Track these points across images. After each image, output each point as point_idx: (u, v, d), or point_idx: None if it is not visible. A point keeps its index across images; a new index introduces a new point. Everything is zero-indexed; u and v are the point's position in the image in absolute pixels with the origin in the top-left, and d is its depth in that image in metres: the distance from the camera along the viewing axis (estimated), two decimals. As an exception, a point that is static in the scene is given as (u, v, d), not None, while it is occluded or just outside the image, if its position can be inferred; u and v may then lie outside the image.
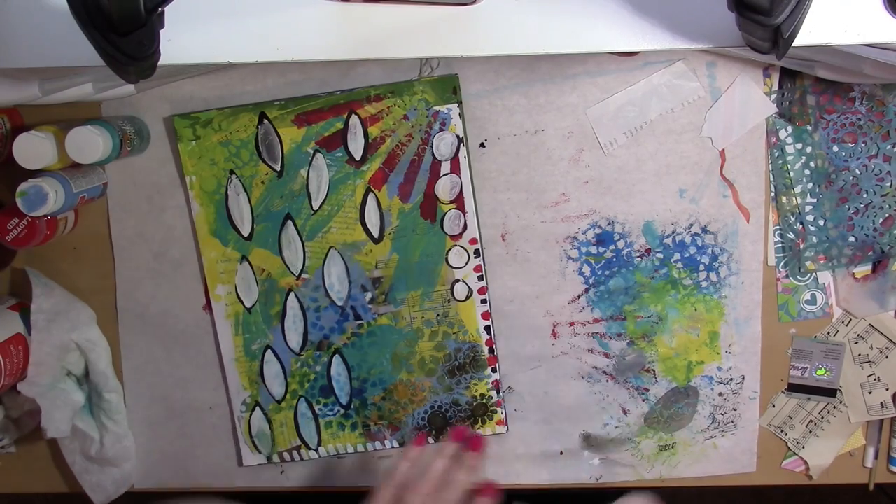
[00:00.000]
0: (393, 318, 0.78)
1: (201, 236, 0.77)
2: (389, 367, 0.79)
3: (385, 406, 0.80)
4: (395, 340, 0.79)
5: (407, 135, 0.74)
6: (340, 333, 0.79)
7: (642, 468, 0.82)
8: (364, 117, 0.74)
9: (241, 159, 0.75)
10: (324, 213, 0.76)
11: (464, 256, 0.77)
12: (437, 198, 0.76)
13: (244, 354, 0.80)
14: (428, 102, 0.74)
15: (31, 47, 0.51)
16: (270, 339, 0.79)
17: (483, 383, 0.79)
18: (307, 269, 0.78)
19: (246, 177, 0.76)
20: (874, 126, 0.73)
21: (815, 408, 0.80)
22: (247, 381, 0.80)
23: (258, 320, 0.79)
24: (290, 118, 0.74)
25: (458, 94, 0.74)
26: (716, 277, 0.77)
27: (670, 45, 0.50)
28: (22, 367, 0.76)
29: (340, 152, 0.75)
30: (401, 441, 0.81)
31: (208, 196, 0.76)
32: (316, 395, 0.80)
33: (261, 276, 0.78)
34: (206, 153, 0.75)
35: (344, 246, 0.77)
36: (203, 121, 0.75)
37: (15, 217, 0.72)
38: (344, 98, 0.74)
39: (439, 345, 0.79)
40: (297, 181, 0.76)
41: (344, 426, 0.81)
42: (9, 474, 0.86)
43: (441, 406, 0.80)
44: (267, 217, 0.77)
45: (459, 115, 0.74)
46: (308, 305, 0.78)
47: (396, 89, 0.74)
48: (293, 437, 0.81)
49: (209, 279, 0.78)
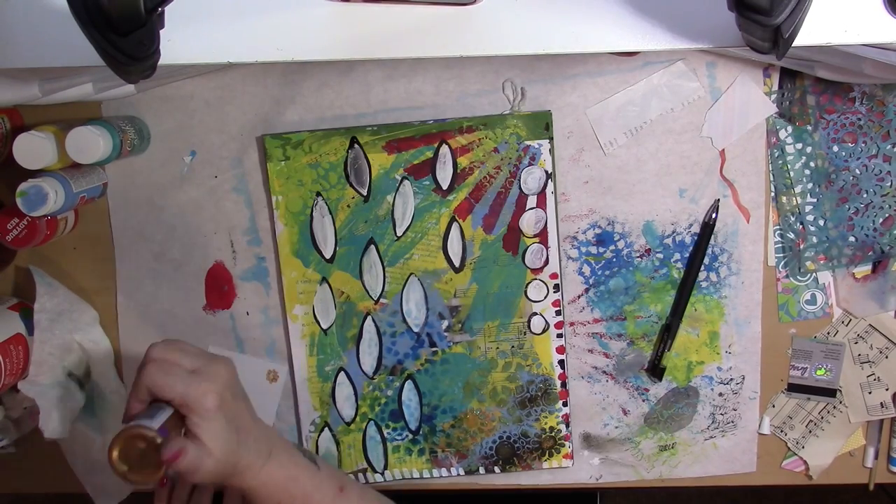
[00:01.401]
0: (468, 346, 0.79)
1: (283, 256, 0.78)
2: (461, 396, 0.80)
3: (454, 434, 0.80)
4: (468, 369, 0.79)
5: (496, 167, 0.75)
6: (414, 359, 0.79)
7: (642, 468, 0.82)
8: (454, 147, 0.75)
9: (328, 182, 0.76)
10: (407, 239, 0.77)
11: (543, 290, 0.77)
12: (521, 231, 0.76)
13: (317, 375, 0.80)
14: (520, 137, 0.74)
15: (31, 47, 0.51)
16: (344, 362, 0.80)
17: (553, 416, 0.80)
18: (386, 294, 0.78)
19: (332, 199, 0.76)
20: (874, 126, 0.73)
21: (815, 408, 0.80)
22: (318, 401, 0.80)
23: (333, 342, 0.79)
24: (381, 144, 0.75)
25: (550, 130, 0.74)
26: (716, 277, 0.77)
27: (670, 45, 0.50)
28: (22, 367, 0.76)
29: (428, 181, 0.76)
30: (467, 469, 0.81)
31: (293, 216, 0.77)
32: (385, 419, 0.81)
33: (339, 299, 0.78)
34: (294, 174, 0.76)
35: (424, 273, 0.77)
36: (294, 142, 0.75)
37: (15, 217, 0.72)
38: (436, 128, 0.75)
39: (512, 376, 0.79)
40: (383, 207, 0.76)
41: (411, 451, 0.81)
42: (9, 474, 0.86)
43: (510, 437, 0.80)
44: (350, 240, 0.77)
45: (550, 152, 0.74)
46: (384, 330, 0.79)
47: (489, 122, 0.74)
48: (360, 459, 0.81)
49: (287, 299, 0.78)
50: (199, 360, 0.56)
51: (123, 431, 0.52)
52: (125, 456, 0.52)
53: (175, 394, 0.53)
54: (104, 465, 0.81)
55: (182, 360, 0.56)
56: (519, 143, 0.75)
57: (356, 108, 0.76)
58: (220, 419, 0.54)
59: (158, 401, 0.54)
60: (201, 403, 0.53)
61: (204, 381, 0.54)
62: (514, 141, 0.75)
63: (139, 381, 0.54)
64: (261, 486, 0.58)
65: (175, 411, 0.54)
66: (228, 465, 0.55)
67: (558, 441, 0.80)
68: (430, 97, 0.75)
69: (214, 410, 0.54)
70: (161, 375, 0.54)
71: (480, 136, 0.75)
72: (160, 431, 0.52)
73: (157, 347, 0.56)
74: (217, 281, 0.80)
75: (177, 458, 0.51)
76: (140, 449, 0.51)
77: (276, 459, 0.59)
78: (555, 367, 0.79)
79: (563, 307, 0.78)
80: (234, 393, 0.57)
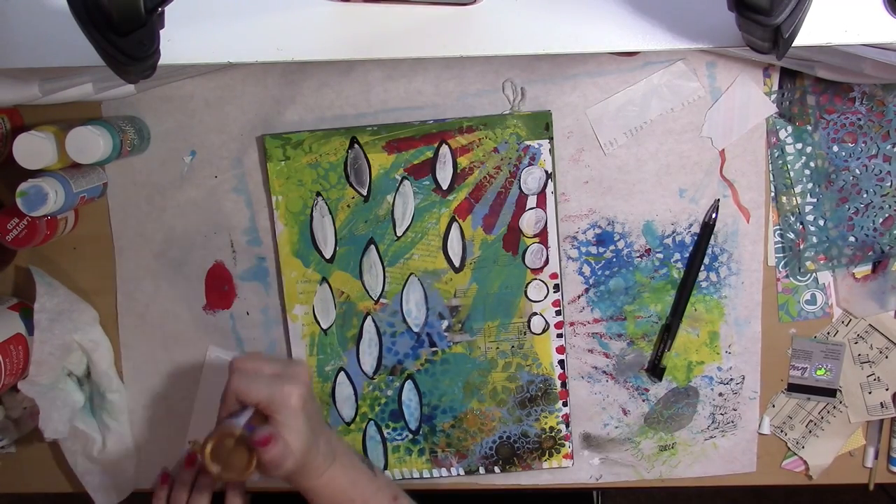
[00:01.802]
0: (468, 346, 0.79)
1: (283, 256, 0.78)
2: (461, 396, 0.80)
3: (454, 434, 0.80)
4: (468, 369, 0.79)
5: (496, 167, 0.75)
6: (414, 359, 0.79)
7: (642, 468, 0.82)
8: (454, 147, 0.75)
9: (328, 182, 0.76)
10: (407, 239, 0.77)
11: (543, 290, 0.77)
12: (521, 231, 0.76)
13: (317, 375, 0.80)
14: (519, 137, 0.74)
15: (31, 47, 0.51)
16: (344, 362, 0.80)
17: (553, 416, 0.80)
18: (386, 294, 0.78)
19: (332, 199, 0.76)
20: (874, 126, 0.73)
21: (815, 408, 0.80)
22: (318, 401, 0.80)
23: (333, 342, 0.79)
24: (381, 144, 0.75)
25: (550, 130, 0.74)
26: (716, 277, 0.77)
27: (670, 45, 0.50)
28: (22, 367, 0.76)
29: (428, 181, 0.76)
30: (467, 469, 0.81)
31: (293, 216, 0.77)
32: (385, 420, 0.81)
33: (339, 299, 0.78)
34: (294, 174, 0.76)
35: (424, 273, 0.77)
36: (294, 142, 0.75)
37: (15, 217, 0.72)
38: (436, 128, 0.75)
39: (512, 376, 0.79)
40: (383, 207, 0.76)
41: (411, 451, 0.81)
42: (9, 474, 0.86)
43: (510, 437, 0.80)
44: (350, 240, 0.77)
45: (550, 152, 0.74)
46: (384, 330, 0.79)
47: (489, 122, 0.74)
48: None
49: (287, 299, 0.78)
50: (280, 366, 0.60)
51: (214, 432, 0.55)
52: (216, 456, 0.54)
53: (261, 396, 0.56)
54: (104, 464, 0.81)
55: (263, 367, 0.59)
56: (519, 143, 0.75)
57: (356, 108, 0.76)
58: (301, 418, 0.57)
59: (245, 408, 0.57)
60: (286, 403, 0.56)
61: (287, 384, 0.57)
62: (514, 141, 0.75)
63: (227, 391, 0.58)
64: (323, 486, 0.60)
65: (259, 414, 0.57)
66: (302, 464, 0.57)
67: (558, 441, 0.80)
68: (430, 97, 0.75)
69: (299, 409, 0.57)
70: (246, 382, 0.57)
71: (480, 136, 0.75)
72: (246, 428, 0.55)
73: (240, 359, 0.59)
74: (217, 281, 0.80)
75: (267, 443, 0.54)
76: (229, 448, 0.54)
77: (340, 462, 0.61)
78: (555, 367, 0.79)
79: (563, 307, 0.78)
80: (312, 395, 0.60)
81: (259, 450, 0.54)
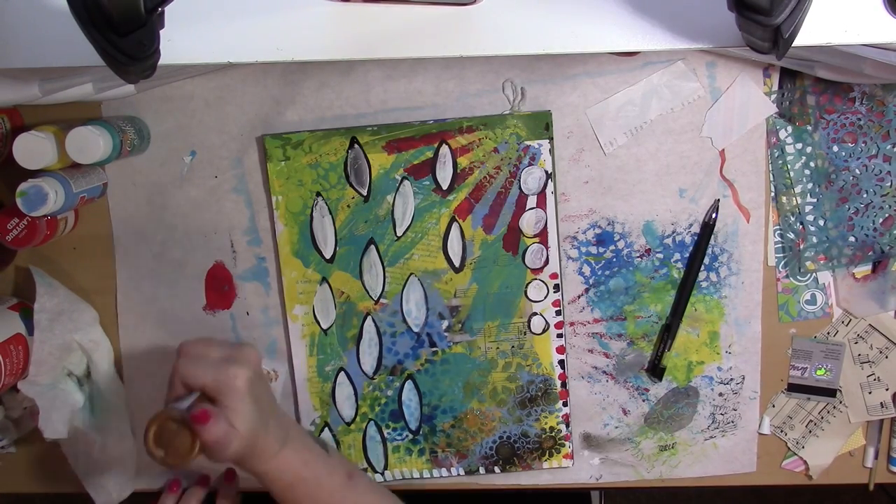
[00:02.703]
0: (468, 346, 0.79)
1: (283, 256, 0.78)
2: (461, 396, 0.80)
3: (454, 434, 0.80)
4: (468, 369, 0.79)
5: (496, 167, 0.75)
6: (415, 359, 0.79)
7: (642, 468, 0.82)
8: (454, 147, 0.75)
9: (328, 182, 0.76)
10: (407, 239, 0.77)
11: (543, 290, 0.77)
12: (521, 231, 0.76)
13: (317, 375, 0.80)
14: (519, 137, 0.74)
15: (31, 47, 0.51)
16: (344, 362, 0.80)
17: (553, 416, 0.80)
18: (386, 294, 0.78)
19: (332, 200, 0.76)
20: (874, 126, 0.73)
21: (815, 408, 0.80)
22: (318, 401, 0.80)
23: (334, 342, 0.79)
24: (381, 144, 0.75)
25: (550, 130, 0.74)
26: (716, 277, 0.77)
27: (670, 45, 0.50)
28: (22, 367, 0.76)
29: (428, 181, 0.76)
30: (467, 469, 0.81)
31: (293, 217, 0.77)
32: (386, 420, 0.81)
33: (339, 299, 0.78)
34: (294, 174, 0.76)
35: (424, 273, 0.77)
36: (294, 142, 0.75)
37: (15, 217, 0.72)
38: (436, 128, 0.75)
39: (512, 376, 0.79)
40: (383, 207, 0.76)
41: (411, 451, 0.81)
42: (9, 474, 0.86)
43: (510, 437, 0.80)
44: (350, 241, 0.77)
45: (550, 152, 0.74)
46: (384, 330, 0.79)
47: (489, 122, 0.74)
48: (360, 459, 0.81)
49: (287, 299, 0.78)
50: (227, 349, 0.59)
51: (156, 416, 0.54)
52: (159, 440, 0.54)
53: (206, 380, 0.56)
54: (104, 464, 0.81)
55: (211, 350, 0.59)
56: (519, 143, 0.75)
57: (356, 108, 0.76)
58: (247, 400, 0.56)
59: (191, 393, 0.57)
60: (231, 386, 0.56)
61: (233, 366, 0.57)
62: (514, 141, 0.75)
63: (173, 375, 0.57)
64: (275, 468, 0.60)
65: (205, 398, 0.57)
66: (250, 447, 0.57)
67: (558, 441, 0.80)
68: (430, 97, 0.75)
69: (245, 392, 0.56)
70: (192, 365, 0.57)
71: (480, 136, 0.75)
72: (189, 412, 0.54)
73: (187, 342, 0.59)
74: (217, 281, 0.80)
75: (205, 420, 0.53)
76: (172, 432, 0.54)
77: (292, 444, 0.61)
78: (555, 367, 0.79)
79: (563, 307, 0.78)
80: (260, 377, 0.60)
81: (200, 430, 0.53)
